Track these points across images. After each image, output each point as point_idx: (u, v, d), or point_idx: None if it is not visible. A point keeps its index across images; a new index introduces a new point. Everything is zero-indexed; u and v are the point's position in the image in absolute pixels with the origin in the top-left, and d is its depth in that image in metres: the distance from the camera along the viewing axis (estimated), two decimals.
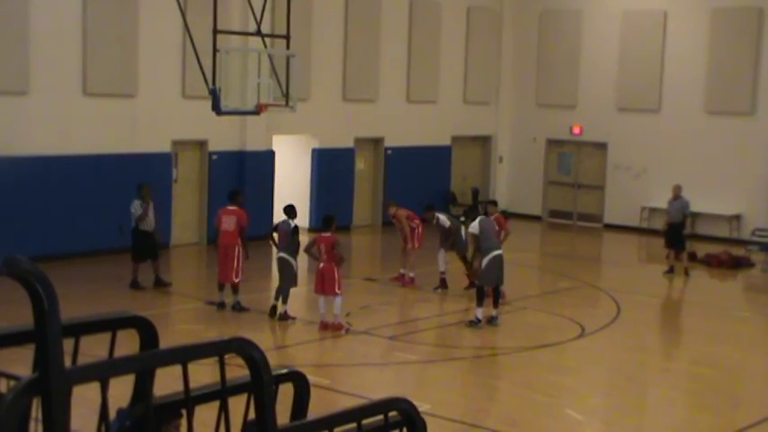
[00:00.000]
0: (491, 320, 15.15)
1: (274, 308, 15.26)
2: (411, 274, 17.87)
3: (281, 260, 15.29)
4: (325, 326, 14.63)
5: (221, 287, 15.65)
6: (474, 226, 15.23)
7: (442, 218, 17.65)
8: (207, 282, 18.82)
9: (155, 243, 17.24)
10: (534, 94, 27.89)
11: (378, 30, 24.79)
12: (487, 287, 15.15)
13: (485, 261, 14.96)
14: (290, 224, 15.36)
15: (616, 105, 26.32)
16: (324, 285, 14.55)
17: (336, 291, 14.53)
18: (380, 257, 22.59)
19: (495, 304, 15.24)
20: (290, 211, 15.50)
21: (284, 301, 15.17)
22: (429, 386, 12.70)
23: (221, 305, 15.64)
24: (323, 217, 15.30)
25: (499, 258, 15.05)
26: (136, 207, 17.02)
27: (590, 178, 27.22)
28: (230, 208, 15.65)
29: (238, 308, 15.47)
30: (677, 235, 19.89)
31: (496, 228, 15.64)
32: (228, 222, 15.46)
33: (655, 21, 25.56)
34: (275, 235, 15.56)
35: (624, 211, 26.20)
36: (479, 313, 15.02)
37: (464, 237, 17.34)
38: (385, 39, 24.97)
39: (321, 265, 14.65)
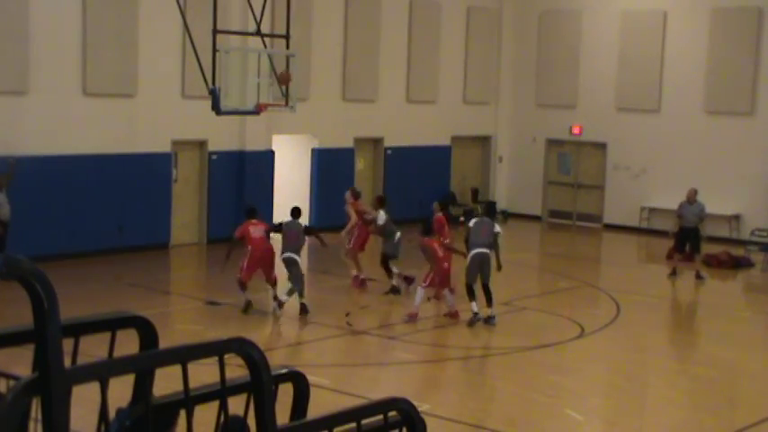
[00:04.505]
0: (488, 320, 15.18)
1: (304, 305, 15.38)
2: (362, 276, 17.61)
3: (290, 260, 15.40)
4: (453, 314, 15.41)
5: (244, 286, 15.43)
6: (472, 221, 15.79)
7: (381, 214, 17.52)
8: (207, 282, 18.84)
9: (5, 234, 16.99)
10: (534, 94, 27.89)
11: (378, 30, 24.79)
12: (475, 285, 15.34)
13: (468, 257, 15.34)
14: (300, 224, 15.83)
15: (616, 105, 26.32)
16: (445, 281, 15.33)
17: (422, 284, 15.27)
18: (380, 257, 22.53)
19: (489, 303, 15.27)
20: (299, 212, 16.02)
21: (301, 295, 15.41)
22: (429, 386, 12.71)
23: (249, 304, 15.43)
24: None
25: (480, 256, 15.19)
26: None
27: (590, 178, 27.22)
28: (254, 221, 15.73)
29: (279, 302, 15.59)
30: (693, 239, 19.84)
31: (488, 228, 15.54)
32: (259, 230, 15.57)
33: (655, 21, 25.56)
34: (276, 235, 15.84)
35: (624, 211, 26.21)
36: (474, 307, 15.13)
37: (396, 240, 17.36)
38: (385, 39, 24.97)
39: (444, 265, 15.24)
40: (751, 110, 24.30)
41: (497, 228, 15.64)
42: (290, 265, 15.43)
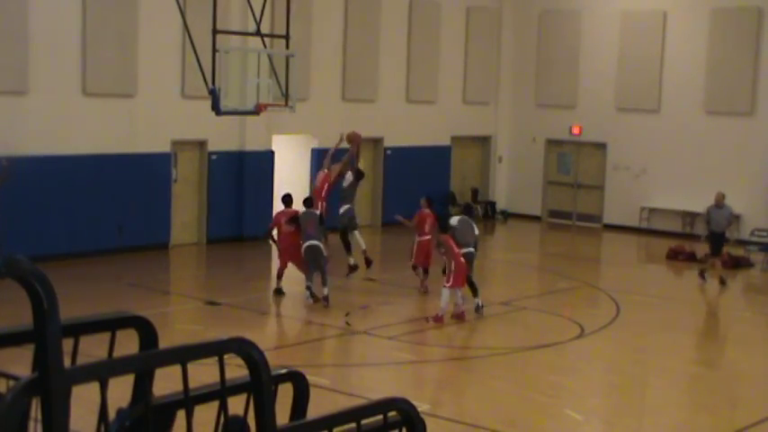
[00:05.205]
0: (477, 309, 15.59)
1: (309, 288, 15.91)
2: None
3: (314, 247, 15.76)
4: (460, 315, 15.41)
5: (281, 276, 16.46)
6: (454, 219, 16.20)
7: (349, 176, 18.08)
8: (206, 282, 18.85)
9: None
10: (534, 94, 27.89)
11: (378, 30, 24.78)
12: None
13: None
14: (315, 213, 16.22)
15: (616, 105, 26.33)
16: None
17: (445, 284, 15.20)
18: (380, 257, 22.55)
19: (475, 294, 15.69)
20: (311, 201, 16.60)
21: (324, 284, 15.78)
22: (429, 386, 12.71)
23: (280, 291, 16.45)
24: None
25: (470, 255, 15.74)
26: None
27: (589, 178, 27.22)
28: (287, 210, 16.60)
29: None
30: (720, 242, 19.80)
31: (471, 229, 16.04)
32: (287, 218, 16.41)
33: (654, 21, 25.56)
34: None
35: (624, 211, 26.21)
36: (478, 300, 15.58)
37: (343, 210, 17.71)
38: (385, 39, 24.97)
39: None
40: (751, 110, 24.30)
41: (476, 231, 16.28)
42: (316, 253, 15.76)
